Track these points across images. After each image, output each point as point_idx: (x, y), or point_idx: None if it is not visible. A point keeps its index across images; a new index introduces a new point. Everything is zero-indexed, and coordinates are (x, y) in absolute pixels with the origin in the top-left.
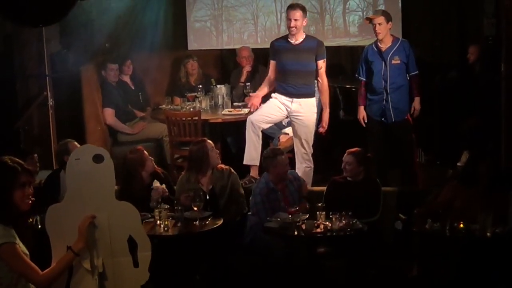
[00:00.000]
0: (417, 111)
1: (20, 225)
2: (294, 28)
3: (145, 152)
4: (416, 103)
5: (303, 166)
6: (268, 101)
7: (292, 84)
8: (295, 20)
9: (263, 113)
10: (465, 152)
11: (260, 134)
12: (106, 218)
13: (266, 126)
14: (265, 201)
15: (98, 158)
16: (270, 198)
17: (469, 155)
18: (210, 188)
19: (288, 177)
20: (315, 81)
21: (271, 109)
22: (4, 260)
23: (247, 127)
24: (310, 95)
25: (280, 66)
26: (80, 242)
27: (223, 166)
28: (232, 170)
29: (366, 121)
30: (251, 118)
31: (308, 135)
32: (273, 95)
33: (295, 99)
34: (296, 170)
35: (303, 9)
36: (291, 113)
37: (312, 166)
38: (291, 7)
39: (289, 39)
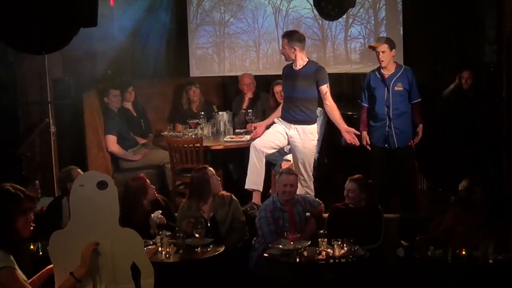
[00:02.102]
0: (419, 137)
1: (21, 251)
2: (283, 55)
3: (147, 180)
4: (420, 130)
5: (304, 192)
6: (271, 127)
7: (291, 111)
8: (283, 48)
9: (267, 139)
10: (465, 178)
11: (264, 159)
12: (110, 245)
13: (269, 151)
14: (269, 216)
15: (102, 185)
16: (274, 215)
17: (470, 182)
18: (211, 215)
19: (292, 198)
20: (317, 107)
21: (274, 135)
22: (3, 284)
23: (250, 152)
24: (308, 122)
25: (284, 92)
26: (83, 268)
27: (224, 193)
28: (234, 197)
29: (369, 145)
30: (254, 143)
31: (306, 162)
32: (275, 120)
33: (293, 125)
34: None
35: (290, 36)
36: (289, 139)
37: (313, 193)
38: (284, 36)
39: (293, 65)
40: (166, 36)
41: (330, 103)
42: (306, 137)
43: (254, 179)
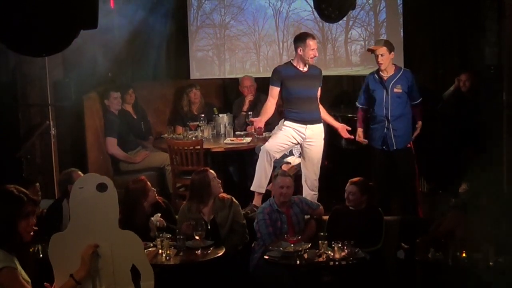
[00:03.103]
0: (417, 133)
1: (25, 254)
2: (313, 58)
3: (148, 182)
4: (419, 126)
5: (312, 194)
6: (282, 130)
7: (305, 111)
8: (314, 49)
9: (279, 142)
10: (466, 181)
11: (273, 163)
12: (109, 247)
13: (278, 155)
14: (267, 219)
15: (101, 187)
16: (272, 217)
17: (470, 184)
18: (212, 218)
19: (289, 200)
20: None
21: (285, 138)
22: (3, 284)
23: (261, 155)
24: (320, 120)
25: (289, 93)
26: (82, 270)
27: (225, 195)
28: (234, 200)
29: (367, 144)
30: (266, 147)
31: (319, 161)
32: (286, 123)
33: (308, 125)
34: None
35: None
36: (305, 140)
37: (317, 194)
38: (311, 36)
39: (297, 67)
40: (167, 38)
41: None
42: (320, 136)
43: (261, 181)
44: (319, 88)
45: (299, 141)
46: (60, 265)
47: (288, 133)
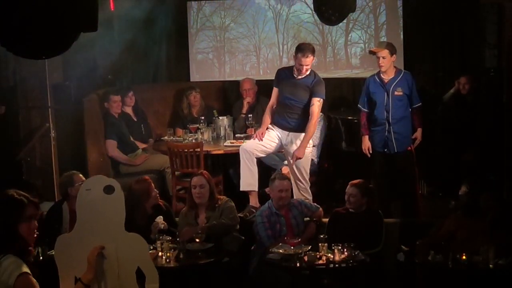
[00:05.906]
0: (419, 141)
1: (27, 257)
2: (306, 72)
3: (152, 183)
4: (418, 133)
5: (302, 199)
6: (266, 131)
7: (287, 118)
8: (307, 65)
9: (257, 142)
10: (466, 183)
11: (255, 160)
12: (115, 249)
13: (260, 154)
14: (266, 222)
15: (108, 189)
16: (271, 220)
17: (470, 187)
18: (205, 223)
19: (288, 202)
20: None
21: (266, 138)
22: None
23: (240, 154)
24: (303, 130)
25: (280, 97)
26: (90, 273)
27: (220, 197)
28: (227, 199)
29: (370, 152)
30: (243, 146)
31: (302, 168)
32: (269, 126)
33: (287, 133)
34: None
35: (313, 51)
36: (284, 146)
37: (311, 198)
38: (302, 52)
39: (293, 72)
40: (166, 40)
41: (311, 119)
42: None
43: (248, 181)
44: (316, 99)
45: (282, 144)
46: (66, 266)
47: (271, 134)
